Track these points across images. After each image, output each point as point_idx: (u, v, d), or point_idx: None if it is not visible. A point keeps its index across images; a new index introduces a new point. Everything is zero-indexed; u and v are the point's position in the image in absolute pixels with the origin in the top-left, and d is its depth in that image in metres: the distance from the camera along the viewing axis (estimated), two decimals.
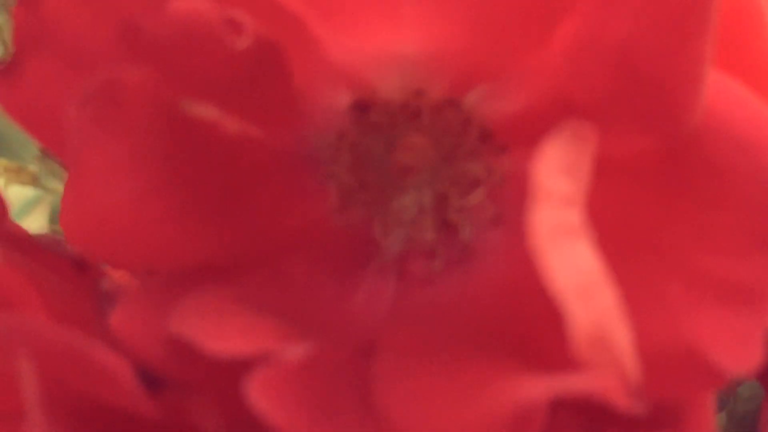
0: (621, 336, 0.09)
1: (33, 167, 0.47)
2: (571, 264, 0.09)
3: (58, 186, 0.49)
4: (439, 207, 0.13)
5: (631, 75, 0.11)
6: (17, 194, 0.54)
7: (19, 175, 0.46)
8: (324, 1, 0.11)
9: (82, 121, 0.10)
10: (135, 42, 0.11)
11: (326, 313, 0.13)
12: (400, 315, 0.13)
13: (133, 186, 0.11)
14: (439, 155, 0.13)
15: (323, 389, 0.11)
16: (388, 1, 0.11)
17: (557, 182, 0.10)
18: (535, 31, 0.12)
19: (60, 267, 0.13)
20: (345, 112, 0.13)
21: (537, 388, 0.09)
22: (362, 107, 0.13)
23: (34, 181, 0.47)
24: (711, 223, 0.11)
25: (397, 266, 0.13)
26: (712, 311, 0.11)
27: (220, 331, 0.11)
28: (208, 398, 0.10)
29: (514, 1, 0.11)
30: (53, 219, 0.54)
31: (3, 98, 0.11)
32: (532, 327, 0.11)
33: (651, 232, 0.11)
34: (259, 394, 0.10)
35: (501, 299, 0.12)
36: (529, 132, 0.13)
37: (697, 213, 0.11)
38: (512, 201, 0.13)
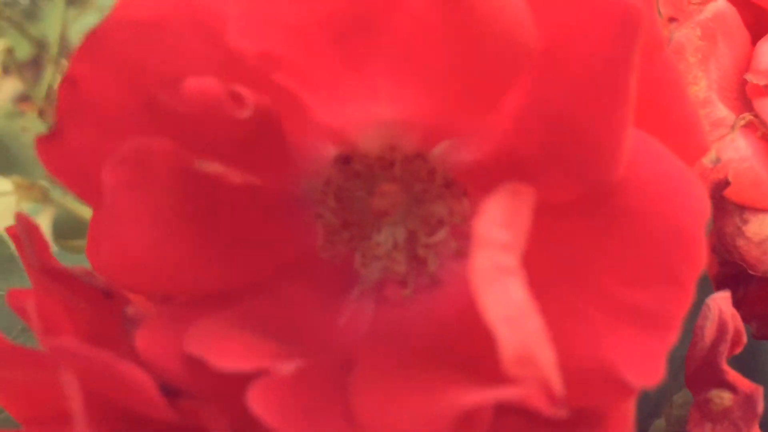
0: (545, 356, 0.12)
1: (43, 183, 0.49)
2: (504, 298, 0.11)
3: (64, 200, 0.52)
4: (410, 243, 0.16)
5: (565, 136, 0.14)
6: (21, 207, 0.56)
7: (30, 191, 0.49)
8: (313, 78, 0.13)
9: (115, 180, 0.12)
10: (157, 113, 0.13)
11: (314, 333, 0.15)
12: (376, 334, 0.15)
13: (156, 230, 0.13)
14: (410, 199, 0.16)
15: (311, 398, 0.13)
16: (366, 78, 0.14)
17: (496, 232, 0.12)
18: (487, 98, 0.14)
19: (91, 295, 0.16)
20: (331, 163, 0.15)
21: (475, 396, 0.11)
22: (345, 159, 0.15)
23: (44, 196, 0.50)
24: (627, 260, 0.13)
25: (374, 293, 0.16)
26: (625, 334, 0.13)
27: (225, 350, 0.13)
28: (217, 405, 0.13)
29: (467, 76, 0.14)
30: (56, 233, 0.56)
31: (47, 160, 0.14)
32: (480, 346, 0.13)
33: (578, 267, 0.14)
34: (258, 403, 0.12)
35: (459, 321, 0.15)
36: (485, 179, 0.15)
37: (616, 252, 0.13)
38: (471, 237, 0.15)
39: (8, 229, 0.17)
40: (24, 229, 0.15)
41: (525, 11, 0.12)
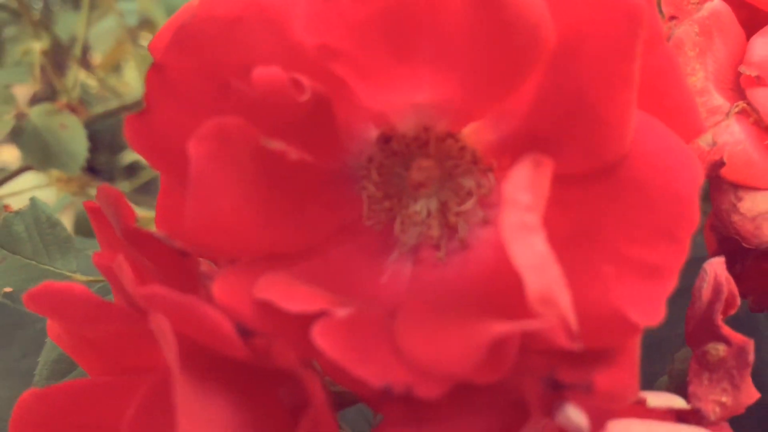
0: (563, 297, 0.14)
1: (79, 178, 0.52)
2: (530, 249, 0.14)
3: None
4: (442, 211, 0.18)
5: (578, 116, 0.16)
6: (50, 198, 0.58)
7: (68, 184, 0.52)
8: (363, 68, 0.16)
9: (200, 152, 0.15)
10: (231, 97, 0.16)
11: (360, 289, 0.17)
12: (414, 289, 0.17)
13: (231, 197, 0.16)
14: (442, 174, 0.18)
15: (362, 336, 0.15)
16: (409, 68, 0.16)
17: (521, 195, 0.14)
18: (510, 85, 0.16)
19: (162, 256, 0.18)
20: (373, 143, 0.18)
21: (505, 326, 0.14)
22: (386, 139, 0.18)
23: (81, 189, 0.52)
24: (633, 222, 0.15)
25: (412, 255, 0.18)
26: (631, 283, 0.15)
27: (290, 296, 0.15)
28: (284, 342, 0.15)
29: (494, 66, 0.16)
30: (78, 226, 0.59)
31: (134, 137, 0.16)
32: (506, 293, 0.15)
33: (591, 228, 0.16)
34: (320, 338, 0.14)
35: (486, 276, 0.17)
36: (508, 155, 0.17)
37: (623, 214, 0.16)
38: (496, 207, 0.18)
39: (86, 204, 0.20)
40: (108, 199, 0.18)
41: (544, 11, 0.15)
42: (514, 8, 0.14)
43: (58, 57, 0.68)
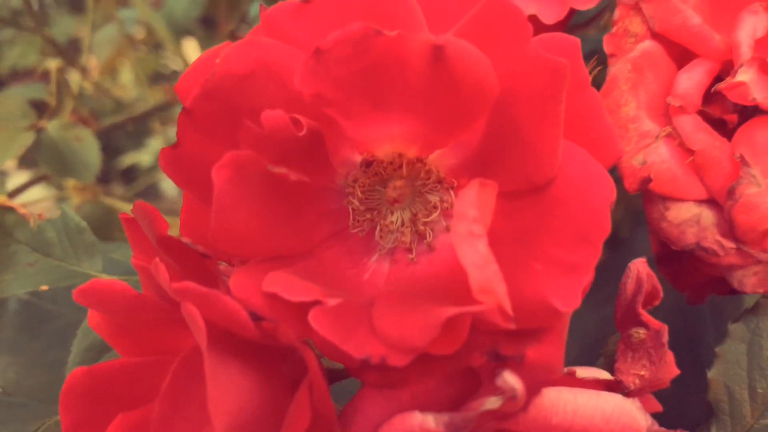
0: (500, 288, 0.18)
1: (93, 186, 0.56)
2: (474, 251, 0.18)
3: (108, 200, 0.59)
4: (413, 221, 0.22)
5: (516, 147, 0.20)
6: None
7: (83, 192, 0.56)
8: (348, 110, 0.20)
9: (221, 178, 0.19)
10: (244, 134, 0.20)
11: (348, 283, 0.21)
12: (390, 283, 0.21)
13: (243, 213, 0.20)
14: (413, 191, 0.22)
15: (348, 320, 0.19)
16: (384, 111, 0.20)
17: (469, 210, 0.18)
18: (464, 123, 0.21)
19: (193, 257, 0.22)
20: (357, 166, 0.22)
21: (452, 310, 0.18)
22: (367, 163, 0.22)
23: (95, 197, 0.56)
24: (557, 229, 0.20)
25: (389, 257, 0.22)
26: (555, 278, 0.19)
27: (292, 289, 0.19)
28: (287, 326, 0.19)
29: (451, 110, 0.20)
30: None
31: (167, 164, 0.20)
32: (461, 286, 0.19)
33: (525, 235, 0.20)
34: (315, 321, 0.19)
35: (447, 272, 0.21)
36: (464, 177, 0.22)
37: (550, 224, 0.20)
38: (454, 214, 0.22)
39: (121, 216, 0.24)
40: (144, 213, 0.22)
41: (489, 68, 0.19)
42: (465, 69, 0.19)
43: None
